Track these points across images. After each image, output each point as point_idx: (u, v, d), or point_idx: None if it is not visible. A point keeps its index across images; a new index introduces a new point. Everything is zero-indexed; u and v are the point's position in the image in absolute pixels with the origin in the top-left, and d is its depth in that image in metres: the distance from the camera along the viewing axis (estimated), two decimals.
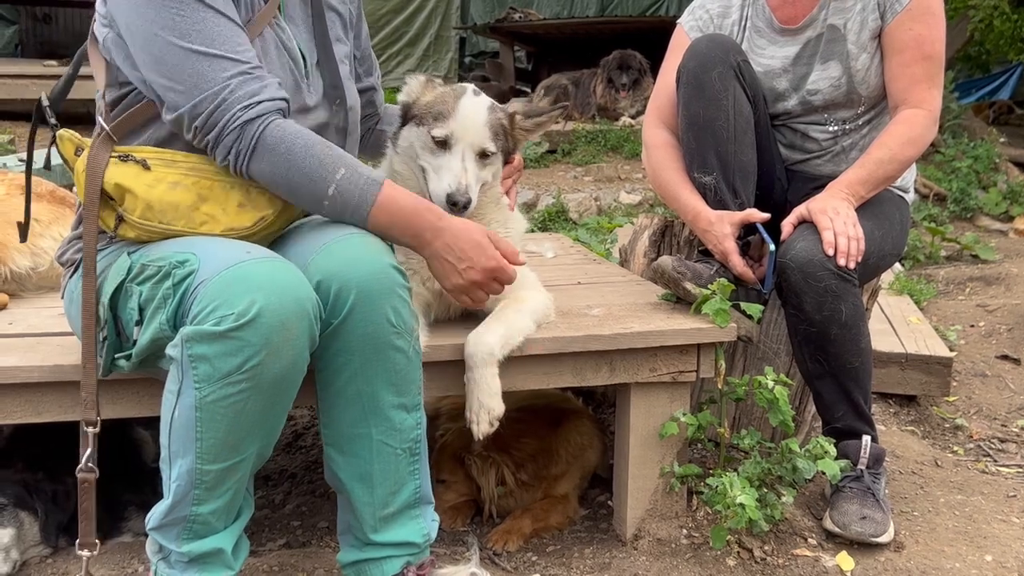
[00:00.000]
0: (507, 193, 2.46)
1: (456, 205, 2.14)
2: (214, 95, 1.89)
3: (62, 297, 2.17)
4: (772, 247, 2.51)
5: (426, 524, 2.09)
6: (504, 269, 2.09)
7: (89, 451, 1.98)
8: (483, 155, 2.24)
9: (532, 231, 5.57)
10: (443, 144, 2.21)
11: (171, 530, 1.86)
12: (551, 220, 6.37)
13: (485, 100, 2.29)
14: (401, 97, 2.34)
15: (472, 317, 2.40)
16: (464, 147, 2.20)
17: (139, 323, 1.89)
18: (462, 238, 2.03)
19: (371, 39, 2.60)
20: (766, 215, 2.60)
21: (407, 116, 2.31)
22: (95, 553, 2.01)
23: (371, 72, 2.57)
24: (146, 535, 1.94)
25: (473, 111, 2.24)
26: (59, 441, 2.39)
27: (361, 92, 2.53)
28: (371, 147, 2.66)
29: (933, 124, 2.67)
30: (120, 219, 1.98)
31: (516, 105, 2.38)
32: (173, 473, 1.82)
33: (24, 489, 2.42)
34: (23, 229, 2.21)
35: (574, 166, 7.54)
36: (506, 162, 2.35)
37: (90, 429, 1.98)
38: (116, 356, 1.98)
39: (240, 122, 1.89)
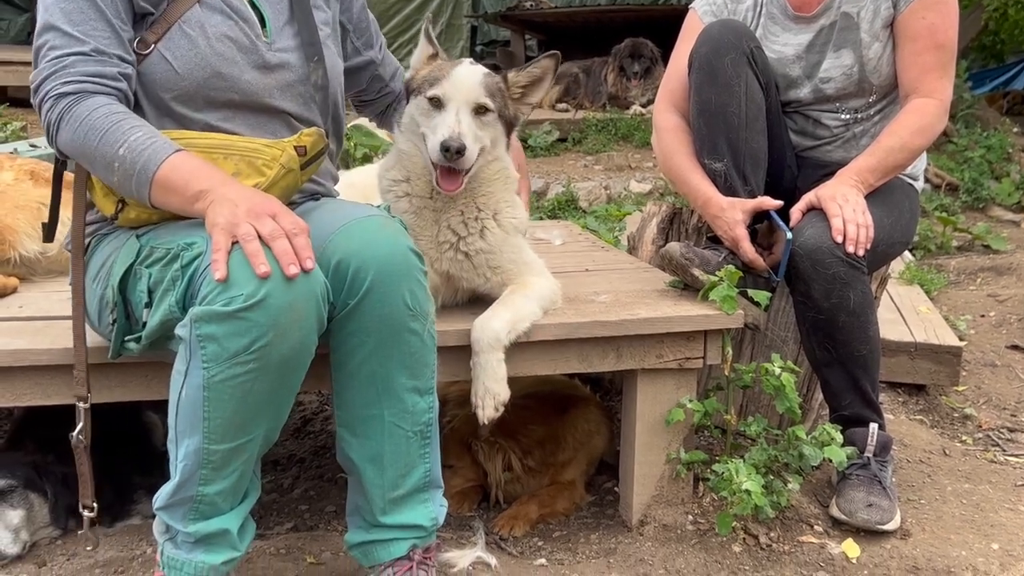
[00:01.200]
0: (519, 194, 2.47)
1: (448, 151, 2.15)
2: (48, 66, 1.96)
3: (71, 283, 2.19)
4: (789, 235, 2.50)
5: (434, 508, 2.10)
6: (280, 214, 1.79)
7: (81, 425, 2.04)
8: (479, 111, 2.25)
9: (541, 219, 5.57)
10: (438, 103, 2.23)
11: (177, 510, 1.87)
12: (561, 209, 6.36)
13: (481, 68, 2.32)
14: (407, 74, 2.37)
15: (479, 302, 2.41)
16: (458, 104, 2.22)
17: (148, 305, 1.90)
18: (239, 190, 1.86)
19: (384, 26, 2.61)
20: (778, 202, 2.59)
21: (408, 93, 2.35)
22: (94, 514, 2.08)
23: (371, 45, 2.57)
24: (154, 517, 1.96)
25: (466, 72, 2.27)
26: (69, 423, 2.41)
27: (362, 67, 2.55)
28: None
29: (944, 113, 2.66)
30: (122, 203, 2.00)
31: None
32: (180, 453, 1.83)
33: (34, 471, 2.44)
34: (47, 230, 2.24)
35: (584, 155, 7.53)
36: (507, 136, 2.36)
37: (81, 404, 2.03)
38: (126, 339, 2.00)
39: (56, 94, 1.94)
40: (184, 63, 2.05)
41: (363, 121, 5.98)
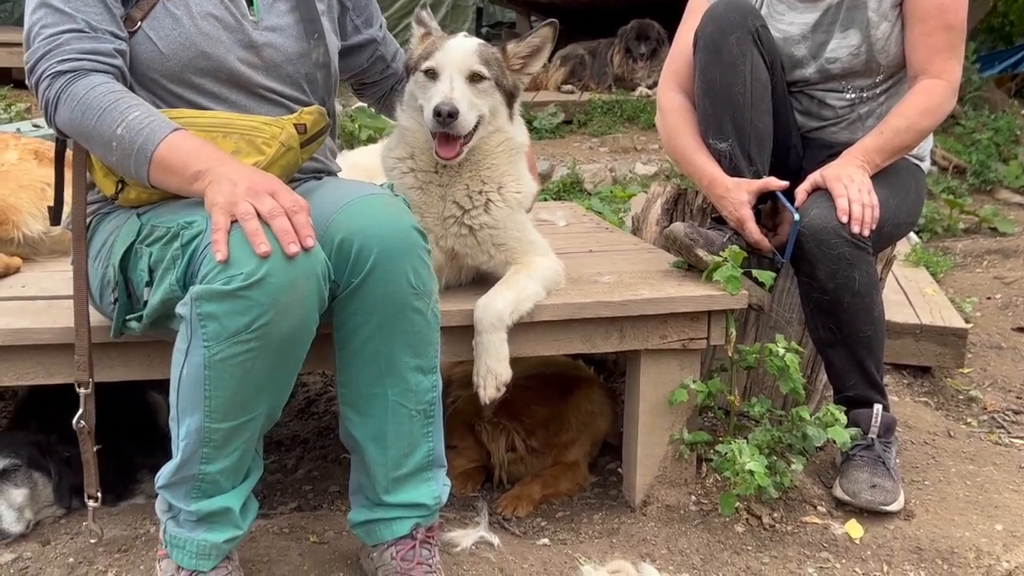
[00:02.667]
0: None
1: (440, 115, 2.15)
2: (43, 45, 1.94)
3: (72, 263, 2.18)
4: (796, 217, 2.48)
5: (437, 487, 2.10)
6: (280, 192, 1.78)
7: (82, 410, 2.04)
8: (474, 79, 2.25)
9: (545, 200, 5.55)
10: (432, 75, 2.25)
11: (180, 488, 1.88)
12: (566, 191, 6.33)
13: (476, 39, 2.33)
14: (406, 56, 2.38)
15: (482, 282, 2.40)
16: (452, 72, 2.23)
17: (149, 284, 1.90)
18: (238, 169, 1.85)
19: (386, 10, 2.60)
20: (784, 183, 2.57)
21: (408, 73, 2.35)
22: (98, 504, 2.10)
23: (371, 23, 2.54)
24: (157, 496, 1.96)
25: (459, 42, 2.29)
26: (73, 403, 2.41)
27: (363, 46, 2.53)
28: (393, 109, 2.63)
29: (952, 95, 2.63)
30: (122, 183, 1.99)
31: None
32: (182, 431, 1.83)
33: (38, 450, 2.45)
34: (54, 213, 2.23)
35: (590, 137, 7.48)
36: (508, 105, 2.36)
37: (82, 390, 2.03)
38: (127, 318, 2.00)
39: (53, 72, 1.92)
40: (168, 43, 2.04)
41: None
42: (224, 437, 1.82)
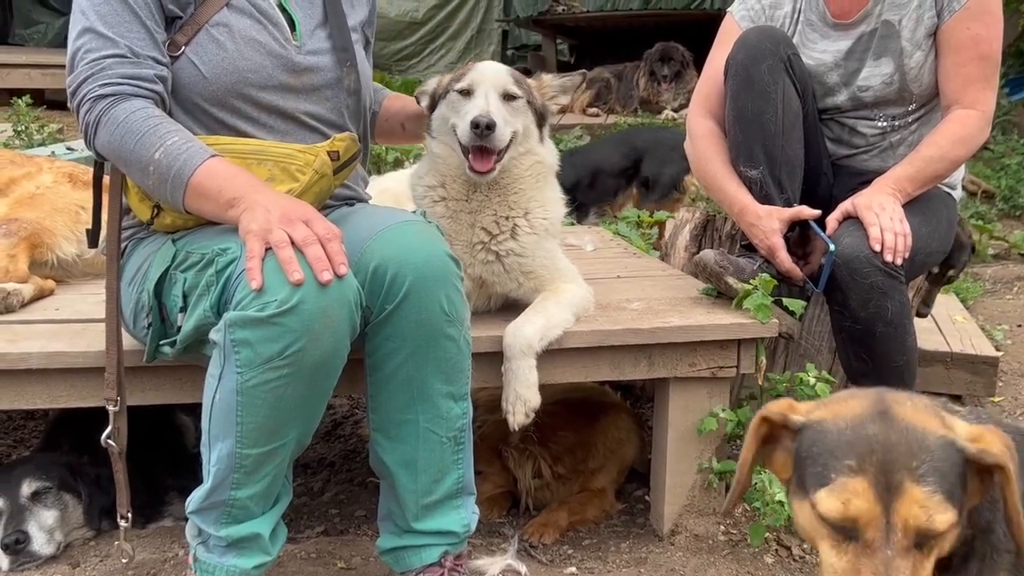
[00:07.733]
0: None
1: (479, 127, 2.17)
2: (86, 69, 1.97)
3: (106, 286, 2.20)
4: (832, 247, 2.45)
5: (467, 515, 2.10)
6: (313, 220, 1.81)
7: (110, 428, 2.05)
8: (508, 98, 2.28)
9: (572, 224, 5.54)
10: (467, 93, 2.27)
11: (210, 514, 1.88)
12: None
13: (507, 67, 2.37)
14: (427, 91, 2.41)
15: (511, 308, 2.40)
16: (486, 89, 2.26)
17: (183, 310, 1.92)
18: (272, 196, 1.87)
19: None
20: (817, 212, 2.55)
21: (435, 102, 2.37)
22: (128, 524, 2.10)
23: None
24: (186, 519, 1.97)
25: (492, 64, 2.34)
26: (103, 425, 2.43)
27: None
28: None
29: (986, 125, 2.61)
30: (158, 208, 2.01)
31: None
32: (213, 457, 1.84)
33: (68, 472, 2.47)
34: (91, 236, 2.25)
35: None
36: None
37: (111, 407, 2.04)
38: (160, 343, 2.01)
39: (94, 96, 1.95)
40: (212, 67, 2.06)
41: None
42: (255, 463, 1.82)
